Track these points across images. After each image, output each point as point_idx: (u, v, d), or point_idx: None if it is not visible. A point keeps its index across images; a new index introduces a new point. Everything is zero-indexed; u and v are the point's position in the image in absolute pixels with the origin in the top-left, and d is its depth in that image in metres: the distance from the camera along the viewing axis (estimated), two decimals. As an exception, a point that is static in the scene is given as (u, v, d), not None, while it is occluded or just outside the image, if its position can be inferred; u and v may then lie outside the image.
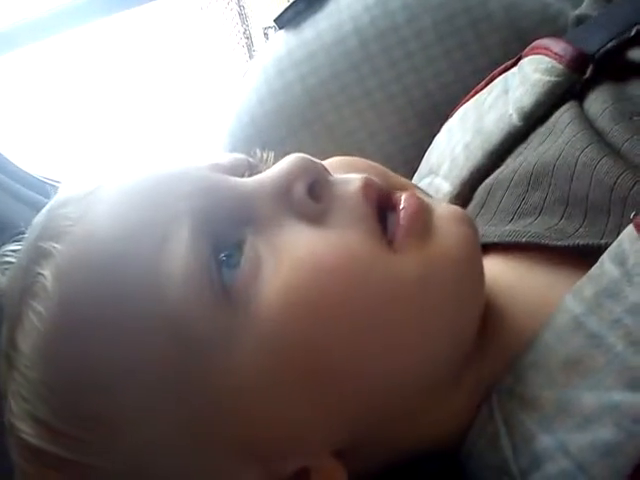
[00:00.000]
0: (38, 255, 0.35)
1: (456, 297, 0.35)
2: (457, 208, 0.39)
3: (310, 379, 0.33)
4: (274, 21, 0.70)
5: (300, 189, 0.35)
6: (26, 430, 0.34)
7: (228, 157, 0.39)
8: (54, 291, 0.34)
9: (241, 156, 0.40)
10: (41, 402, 0.34)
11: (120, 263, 0.34)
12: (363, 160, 0.41)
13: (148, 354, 0.33)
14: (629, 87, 0.47)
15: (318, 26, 0.69)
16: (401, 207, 0.36)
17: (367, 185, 0.36)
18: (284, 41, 0.70)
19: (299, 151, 0.38)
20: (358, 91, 0.68)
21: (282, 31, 0.71)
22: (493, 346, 0.38)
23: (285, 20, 0.70)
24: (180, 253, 0.33)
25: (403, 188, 0.38)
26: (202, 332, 0.33)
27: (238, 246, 0.34)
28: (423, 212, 0.36)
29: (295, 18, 0.70)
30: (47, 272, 0.34)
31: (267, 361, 0.33)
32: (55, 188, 0.45)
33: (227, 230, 0.35)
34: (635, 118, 0.43)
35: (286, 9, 0.70)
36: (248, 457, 0.34)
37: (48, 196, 0.41)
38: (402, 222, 0.35)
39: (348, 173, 0.38)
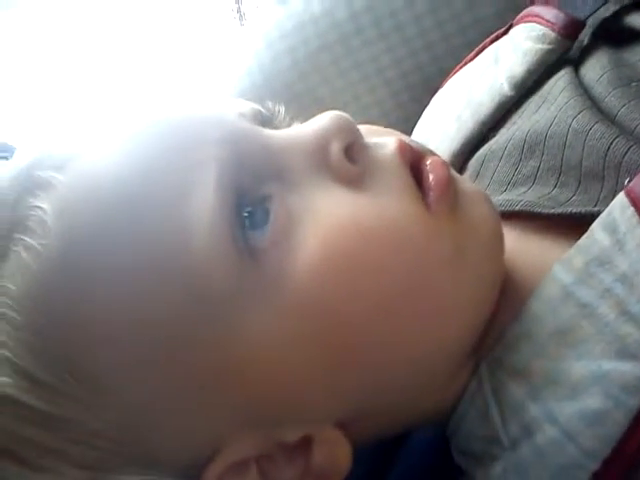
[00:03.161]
0: (33, 185, 0.32)
1: (484, 273, 0.35)
2: (480, 188, 0.38)
3: (333, 349, 0.32)
4: (263, -9, 0.69)
5: (338, 150, 0.33)
6: (1, 379, 0.30)
7: (248, 106, 0.37)
8: (55, 227, 0.30)
9: (257, 106, 0.37)
10: (25, 350, 0.30)
11: (137, 203, 0.31)
12: (393, 130, 0.39)
13: (159, 307, 0.30)
14: (628, 53, 0.46)
15: (307, -4, 0.67)
16: (430, 171, 0.34)
17: (402, 148, 0.35)
18: (273, 13, 0.69)
19: (295, 118, 0.37)
20: (348, 63, 0.67)
21: (271, 2, 0.69)
22: (490, 320, 0.37)
23: (274, -9, 0.69)
24: (205, 205, 0.30)
25: (431, 153, 0.37)
26: (221, 289, 0.30)
27: (262, 202, 0.32)
28: (452, 183, 0.35)
29: (284, -11, 0.69)
30: (46, 205, 0.31)
31: (291, 327, 0.31)
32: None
33: (253, 183, 0.32)
34: (634, 84, 0.42)
35: (275, -20, 0.69)
36: (250, 422, 0.32)
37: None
38: (435, 188, 0.34)
39: (377, 137, 0.36)
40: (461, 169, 0.51)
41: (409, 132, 0.61)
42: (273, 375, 0.32)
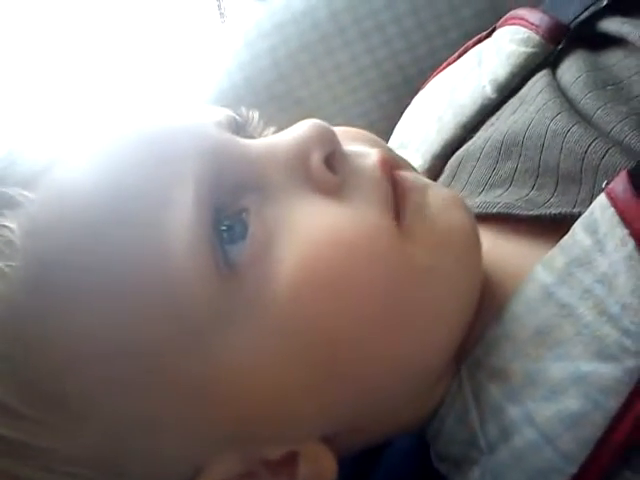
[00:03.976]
0: None
1: (462, 281, 0.35)
2: (455, 193, 0.38)
3: (315, 364, 0.31)
4: (243, -10, 0.68)
5: (318, 160, 0.33)
6: None
7: (223, 113, 0.36)
8: (24, 248, 0.29)
9: (231, 113, 0.37)
10: None
11: (112, 221, 0.30)
12: (368, 133, 0.39)
13: (136, 328, 0.29)
14: (603, 57, 0.46)
15: (287, -5, 0.67)
16: (404, 185, 0.34)
17: (384, 160, 0.34)
18: (253, 12, 0.68)
19: (269, 123, 0.36)
20: (328, 64, 0.67)
21: (251, 1, 0.69)
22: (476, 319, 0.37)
23: (255, -10, 0.69)
24: (183, 221, 0.30)
25: (405, 166, 0.37)
26: (201, 308, 0.30)
27: (241, 214, 0.31)
28: (426, 195, 0.34)
29: (265, -12, 0.68)
30: (14, 225, 0.29)
31: (273, 344, 0.30)
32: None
33: (232, 196, 0.32)
34: (609, 87, 0.42)
35: (255, -22, 0.68)
36: (234, 440, 0.32)
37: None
38: (409, 201, 0.34)
39: (357, 144, 0.36)
40: (441, 170, 0.51)
41: (390, 133, 0.61)
42: (255, 393, 0.31)
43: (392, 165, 0.35)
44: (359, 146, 0.36)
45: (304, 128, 0.34)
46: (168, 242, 0.29)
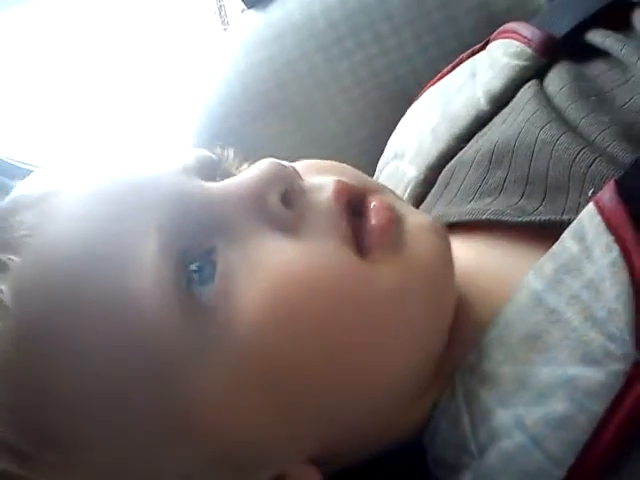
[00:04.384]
0: None
1: (429, 310, 0.35)
2: (428, 218, 0.38)
3: (285, 396, 0.33)
4: (242, 0, 0.69)
5: (274, 198, 0.34)
6: None
7: (193, 155, 0.38)
8: (14, 308, 0.32)
9: (205, 153, 0.38)
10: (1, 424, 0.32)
11: (83, 279, 0.32)
12: (336, 163, 0.40)
13: (115, 373, 0.31)
14: (588, 68, 0.47)
15: (286, 6, 0.67)
16: (372, 215, 0.35)
17: (339, 190, 0.35)
18: (252, 21, 0.69)
19: (266, 134, 0.37)
20: (327, 74, 0.67)
21: (250, 10, 0.69)
22: (459, 333, 0.37)
23: (253, -1, 0.69)
24: (147, 271, 0.32)
25: (376, 191, 0.37)
26: (171, 353, 0.31)
27: (208, 256, 0.33)
28: (395, 223, 0.35)
29: (263, -3, 0.69)
30: (4, 287, 0.32)
31: (240, 379, 0.32)
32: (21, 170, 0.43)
33: (196, 240, 0.33)
34: (592, 98, 0.43)
35: (254, -12, 0.69)
36: (220, 468, 0.33)
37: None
38: (374, 233, 0.34)
39: (323, 176, 0.37)
40: (435, 181, 0.51)
41: (387, 143, 0.61)
42: (230, 429, 0.32)
43: (352, 193, 0.36)
44: (321, 178, 0.37)
45: (261, 168, 0.35)
46: (137, 293, 0.31)
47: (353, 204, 0.35)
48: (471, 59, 0.55)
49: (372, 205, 0.35)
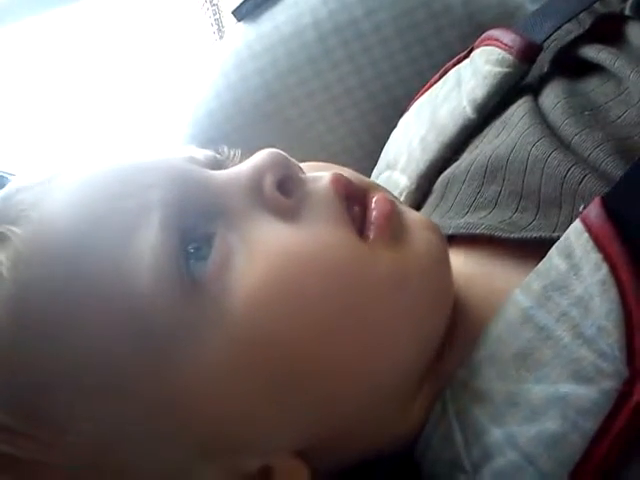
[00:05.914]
0: None
1: (426, 300, 0.36)
2: (424, 216, 0.39)
3: (277, 378, 0.33)
4: (232, 13, 0.69)
5: (270, 183, 0.35)
6: None
7: (201, 152, 0.39)
8: (10, 278, 0.32)
9: (210, 152, 0.40)
10: None
11: (84, 252, 0.32)
12: (336, 165, 0.41)
13: (109, 345, 0.32)
14: (582, 83, 0.47)
15: (276, 19, 0.68)
16: (373, 207, 0.36)
17: (336, 179, 0.36)
18: (242, 33, 0.69)
19: (259, 144, 0.38)
20: (317, 85, 0.67)
21: (240, 23, 0.70)
22: (450, 343, 0.38)
23: (243, 12, 0.69)
24: (149, 245, 0.32)
25: (376, 188, 0.38)
26: (167, 326, 0.32)
27: (208, 239, 0.34)
28: (396, 214, 0.36)
29: (253, 10, 0.69)
30: (2, 256, 0.32)
31: (234, 358, 0.32)
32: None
33: (197, 222, 0.34)
34: (587, 113, 0.44)
35: (244, 1, 0.69)
36: (208, 453, 0.33)
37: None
38: (376, 220, 0.35)
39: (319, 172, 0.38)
40: (428, 190, 0.52)
41: (379, 153, 0.61)
42: (220, 407, 0.32)
43: (350, 186, 0.37)
44: (319, 173, 0.37)
45: (260, 156, 0.36)
46: (136, 262, 0.32)
47: (354, 198, 0.36)
48: (456, 68, 0.56)
49: (374, 199, 0.36)
